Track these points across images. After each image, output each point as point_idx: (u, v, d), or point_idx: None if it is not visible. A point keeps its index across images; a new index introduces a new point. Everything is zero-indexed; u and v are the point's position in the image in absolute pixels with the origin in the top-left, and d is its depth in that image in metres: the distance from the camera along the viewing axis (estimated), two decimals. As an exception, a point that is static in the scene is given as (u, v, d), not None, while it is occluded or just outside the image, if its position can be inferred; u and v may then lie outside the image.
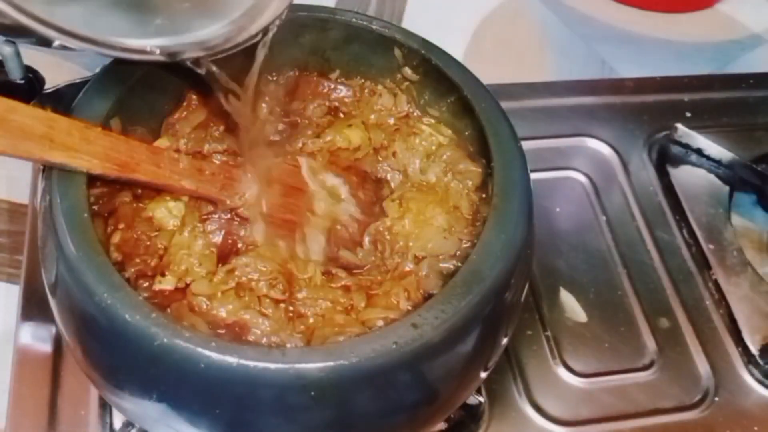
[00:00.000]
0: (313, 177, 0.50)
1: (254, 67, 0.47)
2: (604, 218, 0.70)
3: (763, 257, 0.69)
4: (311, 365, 0.38)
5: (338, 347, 0.39)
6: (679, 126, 0.74)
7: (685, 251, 0.68)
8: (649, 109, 0.78)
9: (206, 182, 0.47)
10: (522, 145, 0.49)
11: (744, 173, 0.72)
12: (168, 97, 0.51)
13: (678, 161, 0.74)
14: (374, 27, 0.53)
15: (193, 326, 0.41)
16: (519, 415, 0.58)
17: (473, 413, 0.57)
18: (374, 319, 0.44)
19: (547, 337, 0.62)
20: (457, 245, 0.48)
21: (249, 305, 0.44)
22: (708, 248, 0.68)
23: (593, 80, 0.84)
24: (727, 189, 0.72)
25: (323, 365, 0.38)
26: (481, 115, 0.49)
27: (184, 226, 0.46)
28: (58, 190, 0.42)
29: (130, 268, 0.44)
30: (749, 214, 0.72)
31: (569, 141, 0.75)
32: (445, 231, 0.48)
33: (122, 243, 0.45)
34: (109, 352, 0.42)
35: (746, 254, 0.68)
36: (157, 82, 0.50)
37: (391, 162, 0.53)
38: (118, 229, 0.45)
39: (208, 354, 0.38)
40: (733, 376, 0.61)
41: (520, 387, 0.59)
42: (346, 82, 0.56)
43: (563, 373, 0.60)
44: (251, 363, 0.38)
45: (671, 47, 0.91)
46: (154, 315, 0.39)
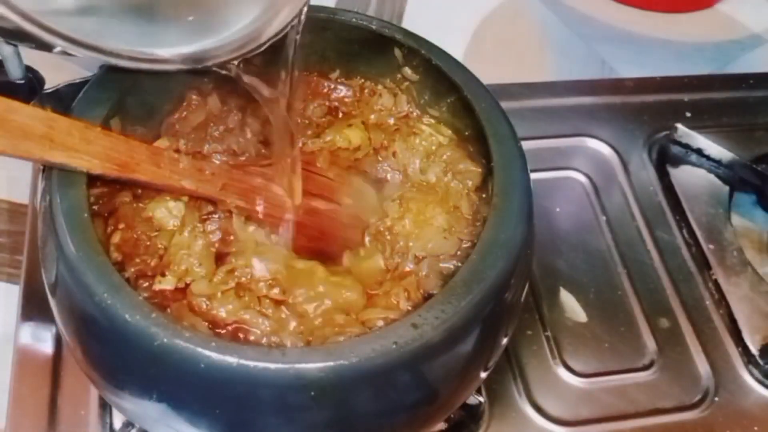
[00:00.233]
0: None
1: (286, 65, 0.47)
2: (604, 218, 0.70)
3: (763, 257, 0.69)
4: (311, 365, 0.38)
5: (338, 347, 0.39)
6: (679, 126, 0.74)
7: (685, 251, 0.68)
8: (649, 109, 0.78)
9: (206, 182, 0.47)
10: (522, 145, 0.49)
11: (744, 173, 0.72)
12: (168, 97, 0.51)
13: (678, 161, 0.74)
14: (374, 27, 0.53)
15: (193, 326, 0.41)
16: (519, 415, 0.58)
17: (473, 413, 0.57)
18: (374, 319, 0.44)
19: (547, 337, 0.62)
20: (457, 245, 0.48)
21: (249, 305, 0.44)
22: (708, 248, 0.68)
23: (593, 80, 0.84)
24: (727, 189, 0.72)
25: (323, 365, 0.38)
26: (481, 115, 0.49)
27: (184, 226, 0.46)
28: (58, 190, 0.42)
29: (130, 268, 0.44)
30: (749, 214, 0.72)
31: (569, 141, 0.75)
32: (445, 231, 0.48)
33: (122, 243, 0.45)
34: (109, 352, 0.42)
35: (746, 254, 0.68)
36: (157, 83, 0.50)
37: (391, 162, 0.53)
38: (118, 229, 0.45)
39: (208, 354, 0.38)
40: (733, 376, 0.61)
41: (520, 387, 0.59)
42: (346, 82, 0.56)
43: (563, 373, 0.60)
44: (251, 363, 0.38)
45: (671, 47, 0.91)
46: (154, 315, 0.39)
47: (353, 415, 0.41)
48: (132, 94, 0.48)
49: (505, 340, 0.48)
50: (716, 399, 0.60)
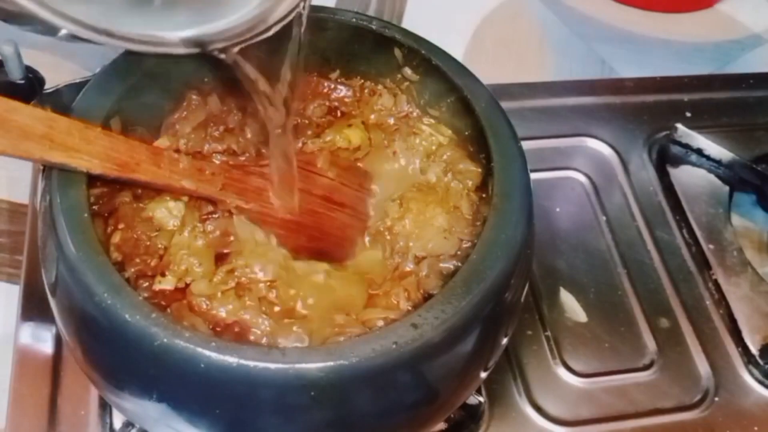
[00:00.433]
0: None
1: (288, 59, 0.46)
2: (604, 218, 0.70)
3: (763, 257, 0.69)
4: (311, 365, 0.38)
5: (338, 347, 0.39)
6: (679, 126, 0.74)
7: (685, 251, 0.68)
8: (649, 109, 0.78)
9: (206, 182, 0.47)
10: (522, 145, 0.49)
11: (744, 173, 0.72)
12: (168, 97, 0.51)
13: (678, 161, 0.74)
14: (374, 27, 0.53)
15: (193, 326, 0.41)
16: (519, 415, 0.58)
17: (473, 413, 0.57)
18: (374, 319, 0.44)
19: (547, 337, 0.62)
20: (457, 245, 0.48)
21: (249, 305, 0.44)
22: (708, 248, 0.68)
23: (593, 80, 0.84)
24: (727, 189, 0.72)
25: (323, 365, 0.38)
26: (481, 115, 0.49)
27: (184, 226, 0.46)
28: (58, 190, 0.42)
29: (130, 268, 0.44)
30: (749, 214, 0.72)
31: (569, 141, 0.75)
32: (446, 231, 0.48)
33: (122, 243, 0.45)
34: (109, 352, 0.42)
35: (746, 254, 0.68)
36: (157, 82, 0.50)
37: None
38: (118, 229, 0.45)
39: (208, 354, 0.38)
40: (733, 376, 0.61)
41: (520, 387, 0.59)
42: (346, 82, 0.55)
43: (563, 373, 0.60)
44: (251, 363, 0.38)
45: (671, 47, 0.91)
46: (154, 315, 0.39)
47: (353, 415, 0.41)
48: (132, 94, 0.48)
49: (505, 340, 0.48)
50: (716, 399, 0.60)
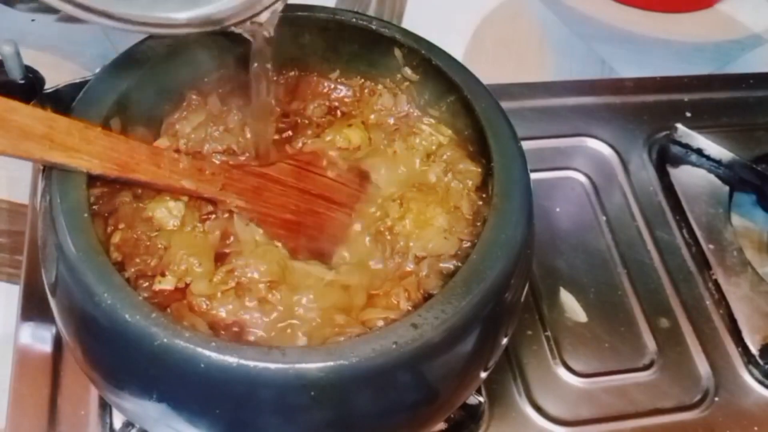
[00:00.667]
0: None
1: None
2: (604, 218, 0.70)
3: (763, 257, 0.69)
4: (311, 365, 0.38)
5: (338, 347, 0.39)
6: (679, 126, 0.74)
7: (685, 251, 0.68)
8: (649, 109, 0.78)
9: (206, 182, 0.47)
10: (522, 145, 0.49)
11: (744, 173, 0.72)
12: (168, 97, 0.51)
13: (678, 161, 0.74)
14: (374, 27, 0.53)
15: (193, 326, 0.41)
16: (519, 415, 0.58)
17: (473, 413, 0.57)
18: (374, 319, 0.44)
19: (547, 337, 0.62)
20: (457, 245, 0.48)
21: (249, 305, 0.44)
22: (708, 248, 0.68)
23: (593, 80, 0.84)
24: (727, 189, 0.72)
25: (323, 365, 0.38)
26: (481, 115, 0.49)
27: (184, 226, 0.46)
28: (58, 190, 0.42)
29: (130, 268, 0.44)
30: (749, 214, 0.72)
31: (569, 141, 0.75)
32: (446, 231, 0.48)
33: (122, 243, 0.45)
34: (109, 352, 0.42)
35: (746, 254, 0.68)
36: (157, 82, 0.50)
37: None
38: (118, 229, 0.46)
39: (208, 354, 0.38)
40: (733, 376, 0.61)
41: (520, 387, 0.59)
42: (346, 82, 0.56)
43: (563, 373, 0.60)
44: (251, 363, 0.38)
45: (671, 47, 0.91)
46: (154, 315, 0.39)
47: (353, 415, 0.41)
48: (132, 94, 0.48)
49: (505, 340, 0.48)
50: (716, 399, 0.60)
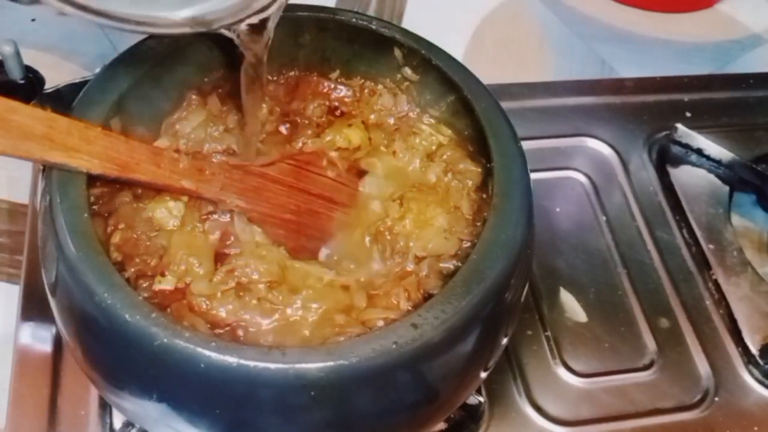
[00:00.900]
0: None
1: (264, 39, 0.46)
2: (604, 218, 0.70)
3: (763, 257, 0.69)
4: (311, 365, 0.38)
5: (338, 347, 0.39)
6: (679, 126, 0.74)
7: (685, 251, 0.68)
8: (649, 109, 0.78)
9: (206, 182, 0.47)
10: (522, 145, 0.49)
11: (744, 173, 0.72)
12: (168, 97, 0.51)
13: (678, 161, 0.74)
14: (374, 27, 0.53)
15: (193, 326, 0.41)
16: (519, 415, 0.58)
17: (473, 413, 0.57)
18: (374, 319, 0.44)
19: (547, 337, 0.62)
20: (457, 245, 0.48)
21: (249, 305, 0.44)
22: (708, 248, 0.68)
23: (593, 80, 0.84)
24: (727, 189, 0.72)
25: (323, 365, 0.38)
26: (481, 115, 0.49)
27: (183, 226, 0.46)
28: (58, 190, 0.42)
29: (130, 268, 0.44)
30: (749, 214, 0.72)
31: (569, 141, 0.75)
32: (446, 231, 0.48)
33: (122, 243, 0.45)
34: (109, 352, 0.42)
35: (746, 254, 0.68)
36: (157, 82, 0.50)
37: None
38: (118, 229, 0.45)
39: (208, 354, 0.38)
40: (733, 376, 0.61)
41: (520, 387, 0.59)
42: (346, 82, 0.56)
43: (563, 373, 0.60)
44: (251, 363, 0.38)
45: (671, 47, 0.91)
46: (154, 315, 0.39)
47: (353, 415, 0.41)
48: (132, 94, 0.48)
49: (505, 340, 0.48)
50: (716, 399, 0.60)
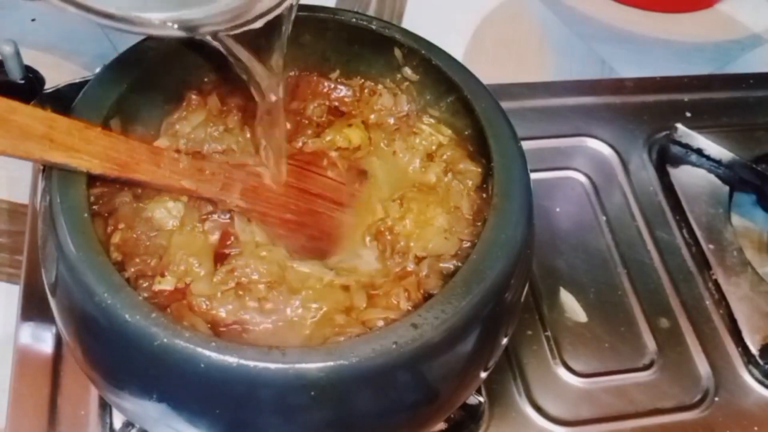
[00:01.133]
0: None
1: (279, 44, 0.46)
2: (604, 218, 0.70)
3: (763, 257, 0.69)
4: (311, 365, 0.38)
5: (338, 347, 0.39)
6: (679, 126, 0.74)
7: (685, 251, 0.68)
8: (649, 109, 0.78)
9: (206, 182, 0.47)
10: (522, 145, 0.49)
11: (744, 173, 0.72)
12: (168, 97, 0.51)
13: (678, 161, 0.74)
14: (374, 27, 0.53)
15: (193, 326, 0.41)
16: (519, 415, 0.58)
17: (473, 413, 0.57)
18: (374, 319, 0.44)
19: (547, 337, 0.62)
20: (457, 245, 0.48)
21: (249, 305, 0.44)
22: (708, 248, 0.68)
23: (593, 80, 0.84)
24: (727, 189, 0.72)
25: (323, 365, 0.38)
26: (481, 115, 0.49)
27: (183, 226, 0.46)
28: (58, 190, 0.42)
29: (130, 268, 0.44)
30: (749, 214, 0.72)
31: (569, 141, 0.75)
32: (446, 231, 0.48)
33: (122, 243, 0.45)
34: (109, 352, 0.42)
35: (746, 254, 0.68)
36: (157, 82, 0.50)
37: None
38: (118, 229, 0.45)
39: (208, 354, 0.38)
40: (733, 376, 0.61)
41: (520, 387, 0.59)
42: (346, 82, 0.56)
43: (563, 373, 0.60)
44: (251, 363, 0.38)
45: (671, 47, 0.91)
46: (154, 315, 0.39)
47: (353, 415, 0.41)
48: (132, 94, 0.48)
49: (505, 340, 0.48)
50: (716, 399, 0.60)
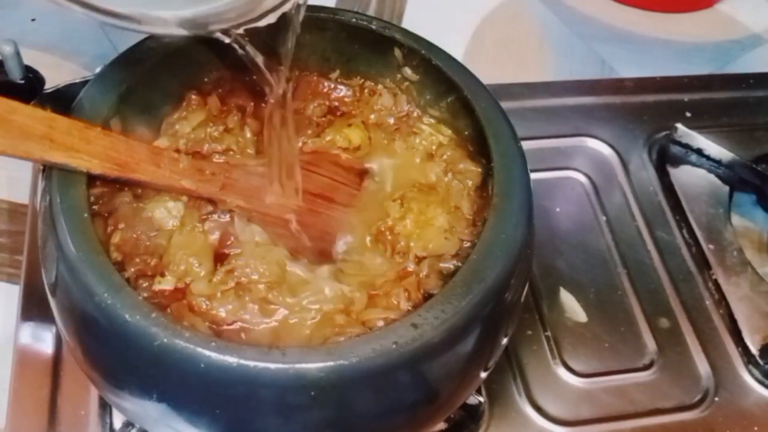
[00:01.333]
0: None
1: (289, 41, 0.46)
2: (604, 218, 0.70)
3: (763, 257, 0.69)
4: (311, 365, 0.38)
5: (338, 347, 0.39)
6: (679, 126, 0.74)
7: (685, 251, 0.68)
8: (649, 109, 0.78)
9: (206, 182, 0.47)
10: (522, 145, 0.49)
11: (744, 173, 0.72)
12: (168, 97, 0.51)
13: (678, 161, 0.74)
14: (374, 27, 0.53)
15: (193, 326, 0.41)
16: (519, 415, 0.58)
17: (473, 413, 0.57)
18: (374, 319, 0.44)
19: (547, 337, 0.62)
20: (457, 245, 0.48)
21: (249, 305, 0.44)
22: (708, 248, 0.68)
23: (593, 80, 0.84)
24: (727, 189, 0.72)
25: (323, 365, 0.38)
26: (481, 115, 0.49)
27: (183, 226, 0.46)
28: (58, 190, 0.42)
29: (130, 268, 0.44)
30: (749, 214, 0.72)
31: (569, 141, 0.75)
32: (446, 231, 0.48)
33: (122, 243, 0.45)
34: (109, 352, 0.42)
35: (746, 254, 0.68)
36: (157, 82, 0.50)
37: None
38: (118, 229, 0.45)
39: (208, 354, 0.38)
40: (733, 376, 0.61)
41: (520, 387, 0.59)
42: (346, 82, 0.56)
43: (563, 373, 0.60)
44: (251, 363, 0.38)
45: (671, 47, 0.91)
46: (154, 315, 0.39)
47: (353, 415, 0.41)
48: (132, 94, 0.48)
49: (505, 340, 0.48)
50: (716, 399, 0.60)
